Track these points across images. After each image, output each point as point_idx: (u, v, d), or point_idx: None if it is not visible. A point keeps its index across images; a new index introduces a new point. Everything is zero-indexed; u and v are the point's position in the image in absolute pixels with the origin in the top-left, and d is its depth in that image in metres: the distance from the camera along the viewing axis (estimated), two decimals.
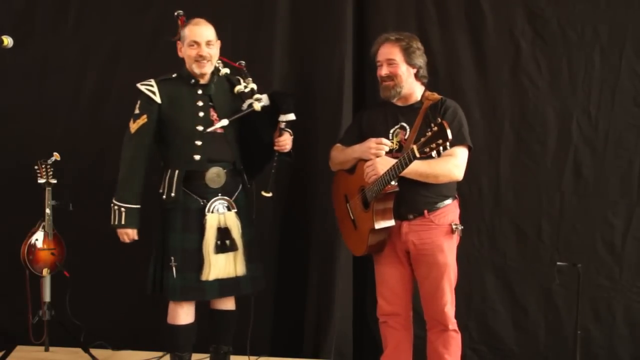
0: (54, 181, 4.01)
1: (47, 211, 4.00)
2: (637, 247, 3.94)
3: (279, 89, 3.77)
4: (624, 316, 3.95)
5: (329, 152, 3.48)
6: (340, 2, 4.05)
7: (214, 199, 3.32)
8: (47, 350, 4.12)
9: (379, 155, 3.15)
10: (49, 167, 4.00)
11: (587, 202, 3.96)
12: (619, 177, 3.94)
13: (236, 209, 3.37)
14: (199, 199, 3.32)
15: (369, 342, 4.08)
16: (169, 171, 3.32)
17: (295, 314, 4.17)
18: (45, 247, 4.01)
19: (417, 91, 3.28)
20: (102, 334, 4.17)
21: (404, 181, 3.10)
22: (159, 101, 3.32)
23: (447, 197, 3.22)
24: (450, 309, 3.23)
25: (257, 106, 3.34)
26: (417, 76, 3.26)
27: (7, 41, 3.03)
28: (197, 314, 3.42)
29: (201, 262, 3.28)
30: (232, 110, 3.38)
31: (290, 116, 3.37)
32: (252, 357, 3.74)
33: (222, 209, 3.34)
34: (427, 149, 2.86)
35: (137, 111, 3.34)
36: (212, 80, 3.40)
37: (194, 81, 3.37)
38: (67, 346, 4.16)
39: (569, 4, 3.92)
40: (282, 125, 3.38)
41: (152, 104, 3.32)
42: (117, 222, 3.31)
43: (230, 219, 3.34)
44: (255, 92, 3.39)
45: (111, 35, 4.30)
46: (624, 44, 3.89)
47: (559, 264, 3.63)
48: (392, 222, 3.16)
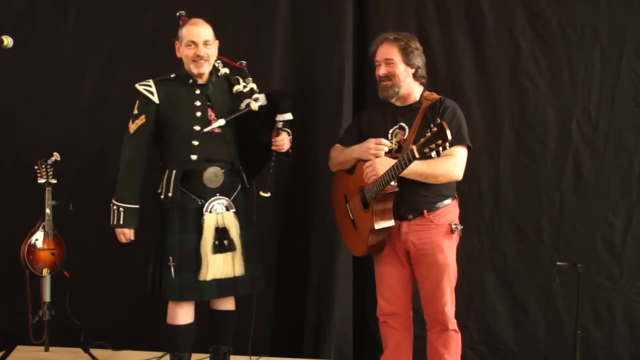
0: (54, 181, 4.01)
1: (47, 211, 4.00)
2: (637, 247, 3.94)
3: (276, 89, 3.75)
4: (624, 316, 3.95)
5: (328, 152, 3.48)
6: (340, 2, 4.05)
7: (212, 199, 3.32)
8: (47, 350, 4.12)
9: (378, 155, 3.14)
10: (49, 167, 4.00)
11: (587, 202, 3.96)
12: (619, 177, 3.94)
13: (234, 209, 3.36)
14: (197, 199, 3.32)
15: (369, 342, 4.08)
16: (167, 171, 3.32)
17: (295, 314, 4.17)
18: (45, 247, 4.01)
19: (416, 91, 3.28)
20: (102, 334, 4.17)
21: (403, 181, 3.09)
22: (157, 101, 3.32)
23: (446, 197, 3.22)
24: (450, 309, 3.23)
25: (255, 106, 3.33)
26: (415, 76, 3.25)
27: (7, 41, 3.04)
28: (197, 314, 3.42)
29: (199, 262, 3.28)
30: (231, 110, 3.37)
31: (287, 116, 3.36)
32: (253, 357, 3.74)
33: (220, 209, 3.33)
34: (427, 150, 2.86)
35: (135, 111, 3.34)
36: (211, 80, 3.39)
37: (192, 81, 3.37)
38: (67, 346, 4.16)
39: (569, 4, 3.92)
40: (279, 125, 3.36)
41: (150, 104, 3.32)
42: (116, 222, 3.32)
43: (228, 219, 3.33)
44: (254, 91, 3.38)
45: (111, 35, 4.30)
46: (624, 44, 3.89)
47: (559, 264, 3.63)
48: (391, 222, 3.16)
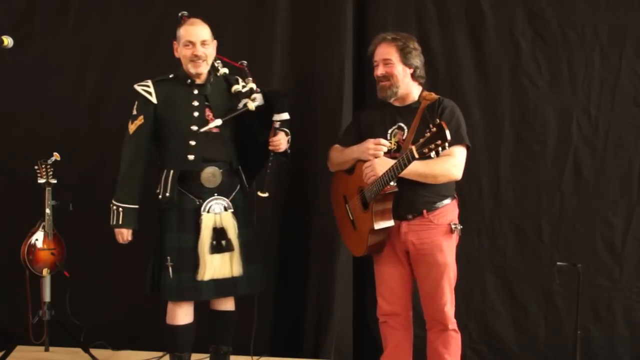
0: (54, 181, 4.01)
1: (47, 211, 4.00)
2: (637, 247, 3.94)
3: (273, 88, 3.71)
4: (624, 316, 3.95)
5: (328, 153, 3.48)
6: (340, 2, 4.05)
7: (210, 199, 3.32)
8: (47, 350, 4.12)
9: (377, 156, 3.14)
10: (49, 167, 3.99)
11: (587, 202, 3.96)
12: (619, 177, 3.94)
13: (233, 209, 3.36)
14: (194, 199, 3.32)
15: (369, 342, 4.08)
16: (165, 171, 3.32)
17: (295, 314, 4.17)
18: (45, 247, 4.01)
19: (414, 91, 3.28)
20: (102, 334, 4.17)
21: (402, 181, 3.09)
22: (155, 101, 3.32)
23: (445, 197, 3.22)
24: (449, 309, 3.23)
25: (252, 105, 3.32)
26: (413, 76, 3.25)
27: (7, 41, 3.04)
28: (197, 314, 3.42)
29: (197, 262, 3.27)
30: (229, 110, 3.36)
31: (284, 115, 3.35)
32: (253, 357, 3.73)
33: (218, 209, 3.32)
34: (426, 150, 2.86)
35: (134, 112, 3.34)
36: (209, 80, 3.39)
37: (190, 81, 3.36)
38: (67, 346, 4.16)
39: (569, 4, 3.92)
40: (276, 124, 3.35)
41: (148, 105, 3.32)
42: (115, 222, 3.32)
43: (226, 219, 3.33)
44: (253, 91, 3.36)
45: (111, 35, 4.30)
46: (624, 44, 3.89)
47: (559, 264, 3.63)
48: (391, 223, 3.16)
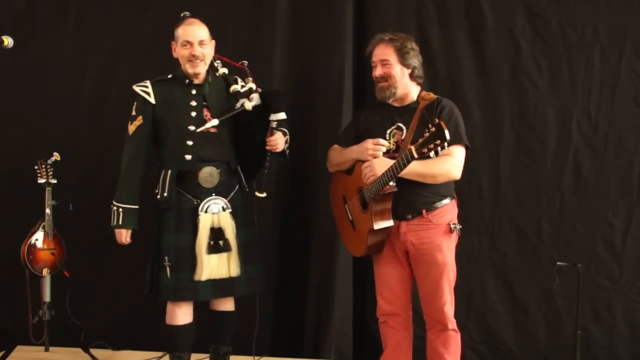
0: (54, 181, 4.01)
1: (47, 211, 4.00)
2: (637, 247, 3.93)
3: (269, 88, 3.68)
4: (624, 316, 3.95)
5: (327, 153, 3.47)
6: (340, 2, 4.04)
7: (208, 199, 3.31)
8: (47, 350, 4.13)
9: (376, 156, 3.14)
10: (49, 167, 4.00)
11: (587, 202, 3.95)
12: (619, 177, 3.93)
13: (231, 209, 3.36)
14: (192, 199, 3.32)
15: (369, 342, 4.08)
16: (163, 171, 3.33)
17: (295, 314, 4.17)
18: (45, 247, 4.02)
19: (413, 91, 3.28)
20: (102, 334, 4.17)
21: (401, 181, 3.09)
22: (153, 102, 3.32)
23: (445, 197, 3.22)
24: (449, 309, 3.23)
25: (248, 105, 3.31)
26: (412, 76, 3.25)
27: (7, 41, 3.05)
28: (197, 314, 3.42)
29: (194, 262, 3.27)
30: (227, 110, 3.36)
31: (280, 115, 3.34)
32: (255, 358, 3.73)
33: (216, 209, 3.32)
34: (425, 150, 2.86)
35: (133, 113, 3.35)
36: (207, 80, 3.38)
37: (188, 81, 3.36)
38: (67, 346, 4.16)
39: (569, 4, 3.92)
40: (273, 124, 3.34)
41: (146, 105, 3.33)
42: (115, 223, 3.33)
43: (224, 220, 3.32)
44: (252, 91, 3.36)
45: (111, 35, 4.29)
46: (624, 44, 3.88)
47: (559, 264, 3.63)
48: (390, 223, 3.16)
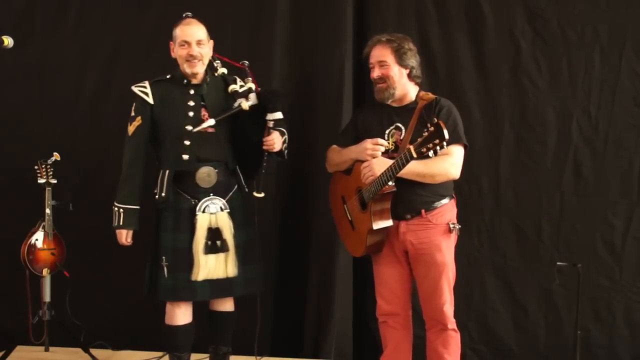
0: (54, 181, 4.01)
1: (47, 211, 4.00)
2: (637, 247, 3.93)
3: (266, 88, 3.65)
4: (624, 316, 3.95)
5: (326, 153, 3.47)
6: (340, 2, 4.04)
7: (206, 199, 3.31)
8: (47, 350, 4.13)
9: (375, 156, 3.14)
10: (49, 167, 4.00)
11: (587, 202, 3.96)
12: (619, 177, 3.93)
13: (229, 210, 3.35)
14: (190, 199, 3.31)
15: (369, 342, 4.08)
16: (161, 171, 3.33)
17: (295, 314, 4.17)
18: (45, 247, 4.02)
19: (411, 91, 3.28)
20: (102, 334, 4.17)
21: (400, 181, 3.09)
22: (152, 102, 3.32)
23: (444, 197, 3.22)
24: (449, 308, 3.23)
25: (245, 105, 3.30)
26: (410, 77, 3.25)
27: (7, 41, 3.05)
28: (196, 314, 3.42)
29: (192, 262, 3.27)
30: (225, 110, 3.35)
31: (277, 115, 3.33)
32: (257, 357, 3.73)
33: (213, 209, 3.32)
34: (424, 149, 2.86)
35: (132, 113, 3.35)
36: (205, 80, 3.38)
37: (186, 81, 3.36)
38: (67, 346, 4.16)
39: (569, 4, 3.92)
40: (270, 124, 3.33)
41: (145, 106, 3.33)
42: (116, 223, 3.33)
43: (221, 220, 3.32)
44: (251, 91, 3.35)
45: (111, 35, 4.30)
46: (624, 44, 3.88)
47: (559, 264, 3.63)
48: (390, 222, 3.16)
